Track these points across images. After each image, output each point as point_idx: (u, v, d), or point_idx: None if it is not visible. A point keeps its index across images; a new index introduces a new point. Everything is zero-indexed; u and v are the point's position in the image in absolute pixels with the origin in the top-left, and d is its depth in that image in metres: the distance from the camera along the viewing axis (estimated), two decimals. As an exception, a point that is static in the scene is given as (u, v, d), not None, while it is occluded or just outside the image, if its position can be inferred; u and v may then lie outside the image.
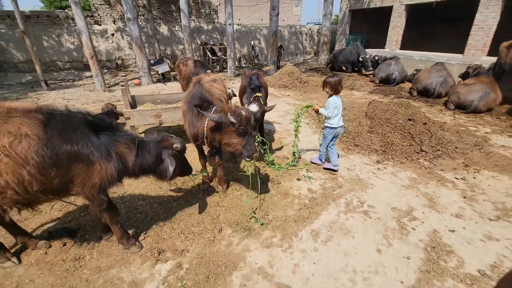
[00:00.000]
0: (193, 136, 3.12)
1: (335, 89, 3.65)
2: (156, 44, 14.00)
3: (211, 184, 3.67)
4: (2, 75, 12.43)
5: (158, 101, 5.46)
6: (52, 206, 3.20)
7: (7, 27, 12.24)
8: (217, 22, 17.13)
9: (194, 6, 16.29)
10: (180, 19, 14.36)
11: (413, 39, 15.62)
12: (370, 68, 10.79)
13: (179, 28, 15.54)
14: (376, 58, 11.03)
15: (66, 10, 14.11)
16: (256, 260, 2.47)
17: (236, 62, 15.04)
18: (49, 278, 2.25)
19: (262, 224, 2.89)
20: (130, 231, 2.74)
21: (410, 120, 4.94)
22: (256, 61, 16.83)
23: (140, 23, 14.84)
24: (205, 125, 2.90)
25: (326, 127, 3.91)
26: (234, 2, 27.76)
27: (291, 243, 2.66)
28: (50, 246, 2.57)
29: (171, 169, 2.34)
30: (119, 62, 14.96)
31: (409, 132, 4.79)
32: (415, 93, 8.31)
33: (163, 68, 10.72)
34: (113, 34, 14.41)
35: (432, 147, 4.59)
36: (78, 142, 2.00)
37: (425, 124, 4.87)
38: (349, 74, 12.21)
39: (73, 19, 12.98)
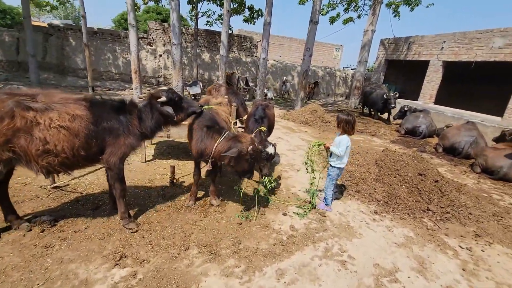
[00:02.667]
0: (198, 154, 3.29)
1: (342, 127, 3.58)
2: (195, 69, 15.20)
3: (196, 202, 3.72)
4: (63, 77, 14.30)
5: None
6: (48, 195, 3.47)
7: (76, 39, 14.29)
8: (255, 56, 18.27)
9: (237, 39, 17.68)
10: (221, 49, 15.62)
11: (450, 96, 15.09)
12: (392, 105, 10.65)
13: (219, 56, 16.85)
14: (406, 108, 10.78)
15: (127, 31, 16.20)
16: (210, 286, 2.39)
17: (266, 93, 15.66)
18: (15, 259, 2.39)
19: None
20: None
21: (420, 175, 4.65)
22: (286, 96, 17.35)
23: (186, 48, 16.44)
24: (215, 147, 3.08)
25: (333, 167, 3.76)
26: (277, 40, 29.64)
27: (252, 277, 2.54)
28: (30, 230, 2.76)
29: (170, 110, 2.92)
30: (161, 79, 16.41)
31: (417, 188, 4.49)
32: (440, 150, 7.85)
33: (195, 90, 11.52)
34: (161, 55, 16.04)
35: (441, 207, 4.22)
36: (110, 119, 2.70)
37: (436, 181, 4.54)
38: (375, 121, 11.98)
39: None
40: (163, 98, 2.90)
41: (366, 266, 2.88)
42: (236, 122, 5.29)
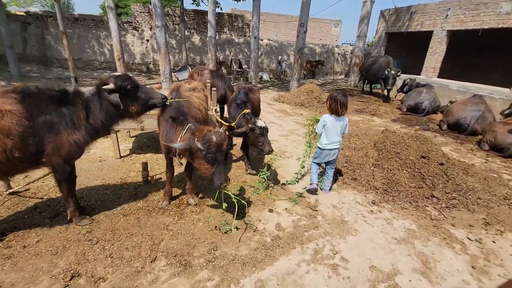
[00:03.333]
0: (165, 148, 2.95)
1: (328, 105, 3.44)
2: (184, 52, 14.44)
3: (171, 202, 3.33)
4: (47, 69, 13.67)
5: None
6: (3, 203, 3.09)
7: (57, 28, 13.49)
8: (248, 36, 17.35)
9: (228, 19, 16.71)
10: (211, 30, 14.75)
11: (455, 68, 14.30)
12: (389, 87, 10.02)
13: (208, 38, 15.97)
14: (407, 82, 10.14)
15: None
16: (176, 307, 2.03)
17: (262, 75, 14.99)
18: None
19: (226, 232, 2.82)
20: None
21: (423, 157, 4.20)
22: (282, 77, 16.62)
23: (174, 31, 15.55)
24: (179, 139, 2.66)
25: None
26: (272, 18, 28.21)
27: (226, 293, 2.18)
28: (-28, 246, 2.40)
29: (115, 98, 2.49)
30: (151, 66, 15.69)
31: (420, 172, 4.06)
32: (444, 127, 7.34)
33: (183, 75, 10.93)
34: (148, 40, 15.22)
35: (446, 193, 3.81)
36: (49, 113, 2.30)
37: (441, 164, 4.10)
38: (375, 99, 11.37)
39: (113, 23, 13.94)
40: (111, 85, 2.47)
41: (361, 269, 2.51)
42: (217, 109, 4.79)
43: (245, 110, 3.90)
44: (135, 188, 3.61)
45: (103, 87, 2.49)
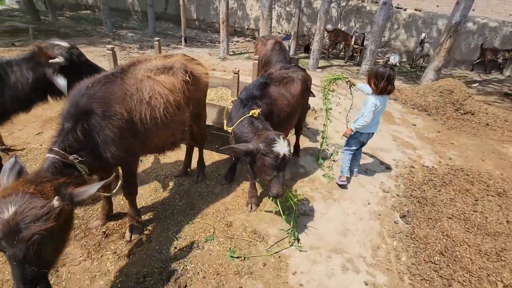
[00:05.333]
0: None
1: (373, 83, 2.89)
2: (296, 18, 12.64)
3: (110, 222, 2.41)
4: (179, 28, 15.28)
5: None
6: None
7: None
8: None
9: (362, -21, 13.31)
10: (336, -7, 12.21)
11: None
12: None
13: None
14: None
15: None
16: None
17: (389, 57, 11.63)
18: None
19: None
20: None
21: None
22: (418, 63, 12.24)
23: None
24: None
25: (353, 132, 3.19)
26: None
27: None
28: None
29: (62, 83, 1.97)
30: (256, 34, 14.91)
31: None
32: None
33: (282, 46, 9.47)
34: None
35: None
36: None
37: None
38: None
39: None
40: (59, 59, 1.87)
41: None
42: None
43: (252, 111, 2.35)
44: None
45: (49, 61, 1.88)
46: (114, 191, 1.90)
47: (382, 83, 2.76)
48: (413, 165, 4.08)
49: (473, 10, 11.97)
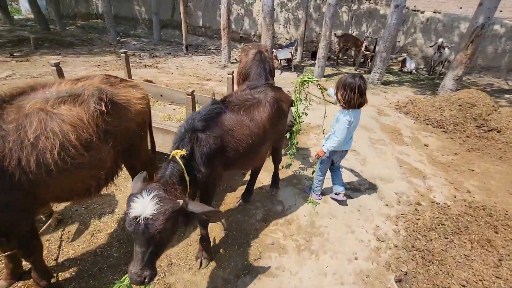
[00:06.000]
0: None
1: (341, 96, 2.58)
2: (303, 24, 12.04)
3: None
4: (177, 34, 15.08)
5: (161, 95, 3.97)
6: None
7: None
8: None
9: (375, -18, 12.51)
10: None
11: None
12: None
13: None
14: None
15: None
16: None
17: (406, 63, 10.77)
18: None
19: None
20: None
21: None
22: (438, 69, 11.19)
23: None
24: None
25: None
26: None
27: None
28: None
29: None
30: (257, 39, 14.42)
31: None
32: None
33: (284, 54, 8.89)
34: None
35: None
36: None
37: None
38: None
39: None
40: None
41: None
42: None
43: (178, 151, 1.79)
44: None
45: None
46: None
47: (351, 96, 2.51)
48: (420, 201, 3.34)
49: (501, 11, 10.84)
